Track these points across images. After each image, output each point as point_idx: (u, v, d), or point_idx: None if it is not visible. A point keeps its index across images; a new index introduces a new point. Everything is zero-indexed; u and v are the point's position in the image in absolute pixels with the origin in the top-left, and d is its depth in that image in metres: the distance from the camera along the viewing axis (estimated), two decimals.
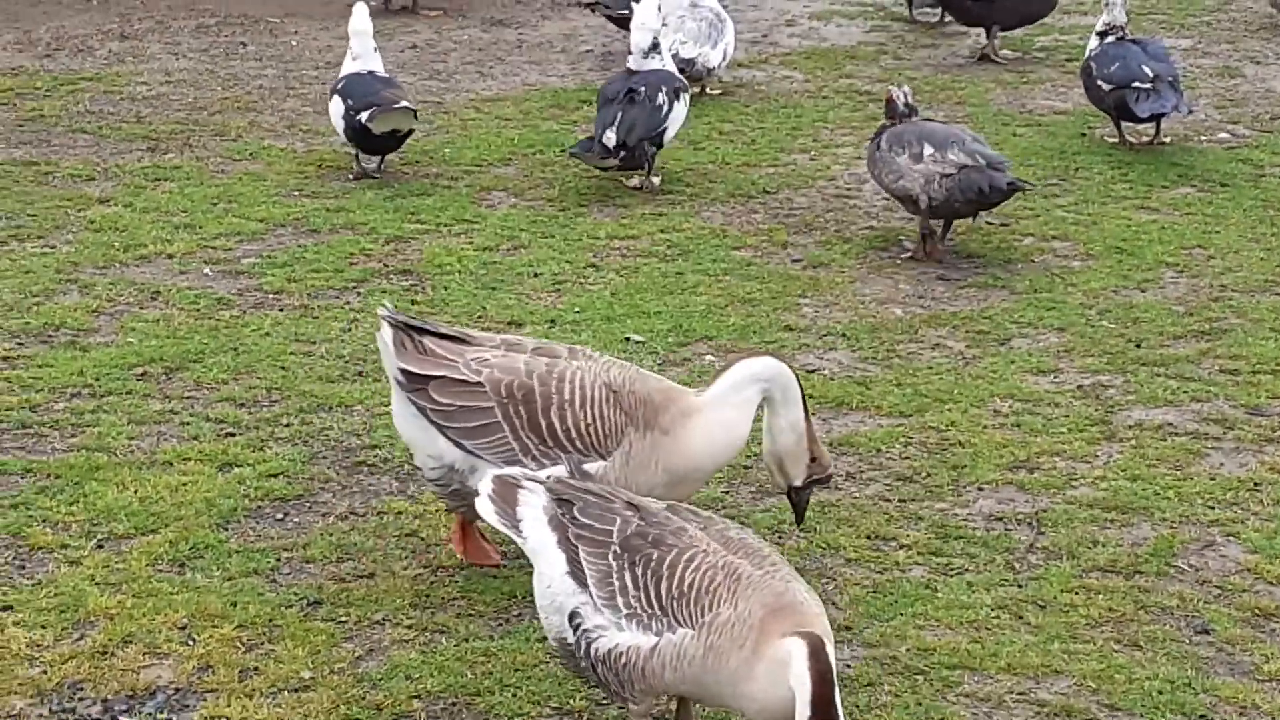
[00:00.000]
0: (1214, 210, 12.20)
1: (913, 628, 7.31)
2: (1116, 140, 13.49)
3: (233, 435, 8.81)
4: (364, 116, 12.21)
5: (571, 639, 6.24)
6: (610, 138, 12.14)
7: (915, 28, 17.16)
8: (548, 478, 6.52)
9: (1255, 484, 8.49)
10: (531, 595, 7.42)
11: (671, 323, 10.27)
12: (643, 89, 12.31)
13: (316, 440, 8.79)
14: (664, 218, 12.03)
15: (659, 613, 6.10)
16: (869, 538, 8.03)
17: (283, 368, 9.57)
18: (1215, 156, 13.32)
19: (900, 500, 8.36)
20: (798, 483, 7.60)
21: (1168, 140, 13.48)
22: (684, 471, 7.35)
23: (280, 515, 8.11)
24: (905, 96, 11.54)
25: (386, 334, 7.31)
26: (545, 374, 7.33)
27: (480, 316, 10.32)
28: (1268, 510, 8.24)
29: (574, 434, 7.26)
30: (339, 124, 12.47)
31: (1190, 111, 13.39)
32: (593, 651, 6.21)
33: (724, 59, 14.50)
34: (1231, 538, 8.04)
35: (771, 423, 7.48)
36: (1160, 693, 6.89)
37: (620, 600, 6.15)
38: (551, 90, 15.10)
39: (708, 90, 14.79)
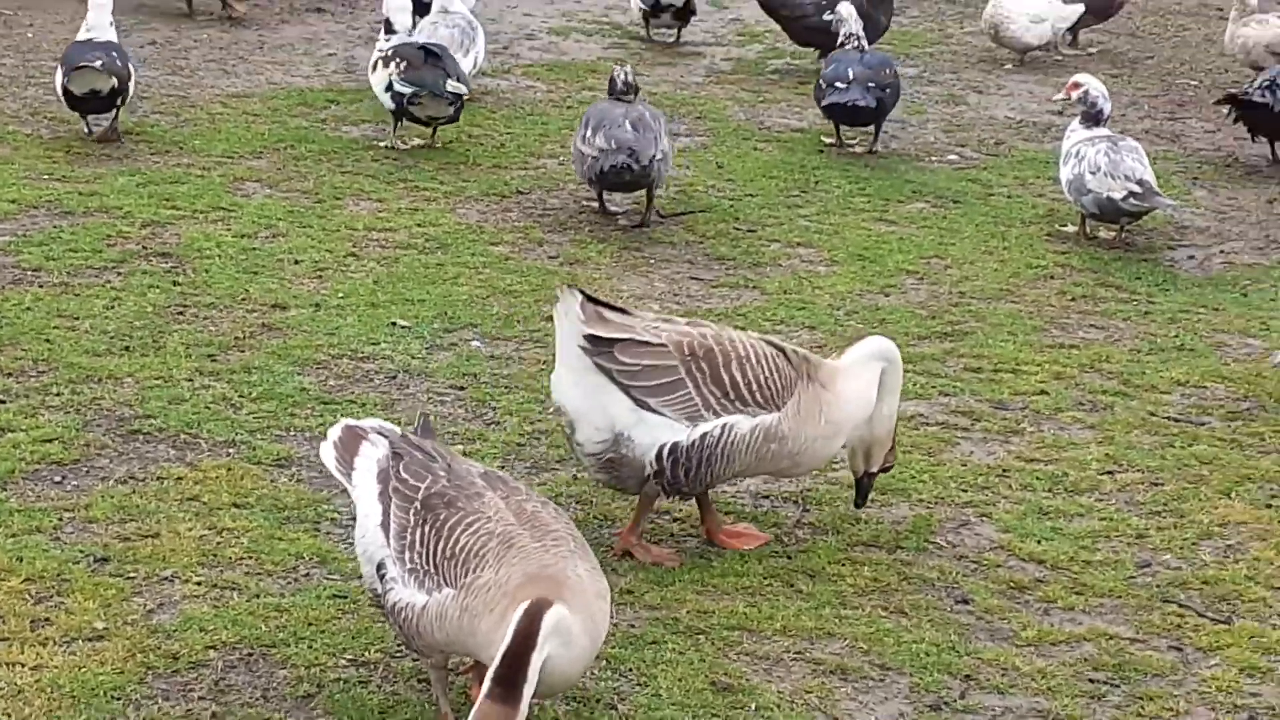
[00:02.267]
0: (948, 224, 12.71)
1: (691, 593, 7.56)
2: (833, 142, 14.26)
3: (3, 402, 8.75)
4: (63, 78, 12.87)
5: (380, 589, 6.35)
6: (457, 86, 13.08)
7: (652, 46, 17.51)
8: (400, 433, 6.63)
9: (1004, 470, 8.92)
10: (318, 555, 7.58)
11: (436, 310, 10.42)
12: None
13: (89, 409, 8.76)
14: (420, 213, 12.16)
15: (432, 571, 6.22)
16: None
17: (48, 341, 9.51)
18: (946, 175, 13.86)
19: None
20: (874, 469, 8.10)
21: (877, 150, 14.08)
22: (839, 423, 7.79)
23: (58, 479, 8.08)
24: (625, 75, 12.30)
25: (573, 301, 7.50)
26: (716, 335, 7.72)
27: (244, 299, 10.36)
28: (1016, 494, 8.66)
29: (754, 386, 7.62)
30: (58, 89, 13.11)
31: (871, 106, 13.86)
32: (386, 603, 6.34)
33: (474, 66, 14.68)
34: (984, 518, 8.43)
35: (875, 409, 7.92)
36: (927, 654, 7.23)
37: (408, 555, 6.28)
38: (298, 90, 15.13)
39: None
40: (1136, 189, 11.95)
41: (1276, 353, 10.05)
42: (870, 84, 13.82)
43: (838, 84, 13.84)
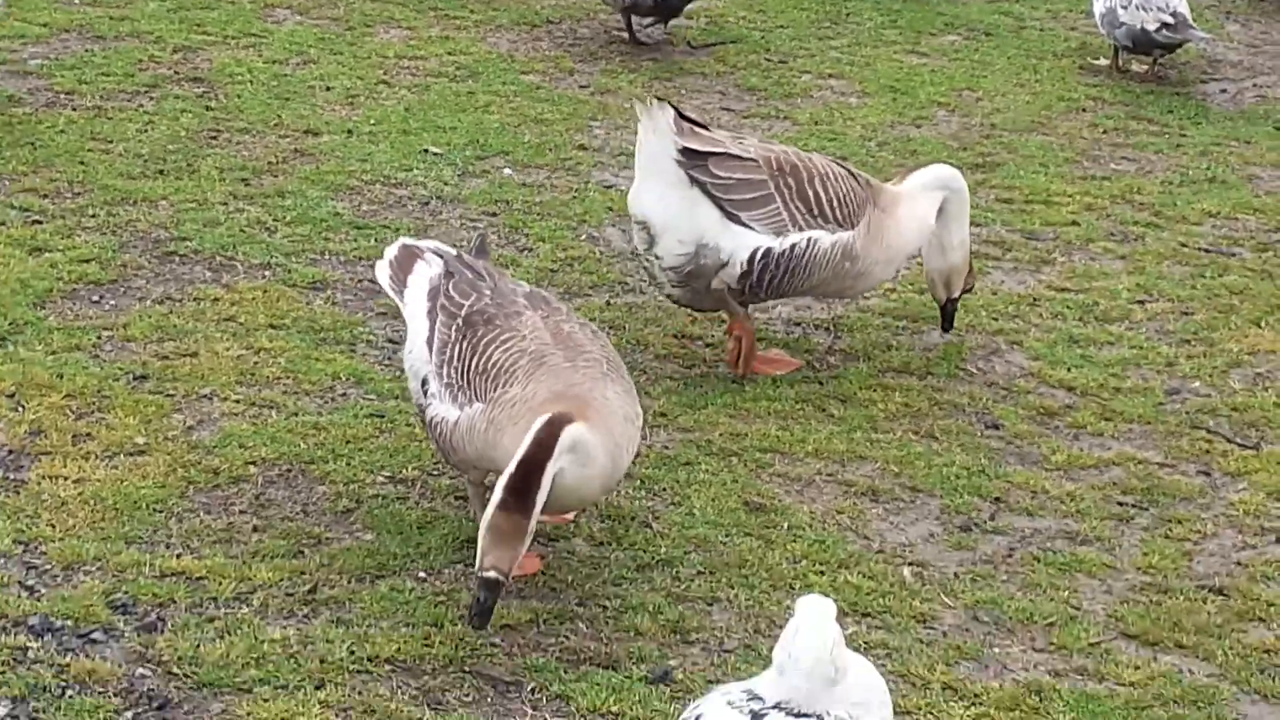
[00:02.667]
0: (980, 57, 12.65)
1: (725, 416, 7.63)
2: None
3: (39, 223, 8.79)
4: None
5: (422, 403, 6.43)
6: None
7: None
8: (455, 253, 6.66)
9: (1034, 299, 8.95)
10: (354, 376, 7.65)
11: (468, 138, 10.42)
12: None
13: (125, 231, 8.80)
14: (451, 41, 12.12)
15: (465, 386, 6.26)
16: (676, 336, 8.32)
17: (82, 163, 9.53)
18: (979, 8, 13.78)
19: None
20: (955, 294, 8.26)
21: None
22: (898, 248, 7.97)
23: (96, 298, 8.14)
24: None
25: (665, 115, 7.59)
26: (797, 153, 7.91)
27: (276, 125, 10.36)
28: (1047, 323, 8.70)
29: (835, 204, 7.81)
30: None
31: None
32: (426, 418, 6.41)
33: None
34: (1015, 346, 8.48)
35: (943, 238, 8.05)
36: (957, 477, 7.30)
37: (446, 371, 6.33)
38: None
39: None
40: (1170, 20, 11.87)
41: None
42: None
43: None
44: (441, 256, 6.64)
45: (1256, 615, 6.48)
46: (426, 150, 10.18)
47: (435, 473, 6.97)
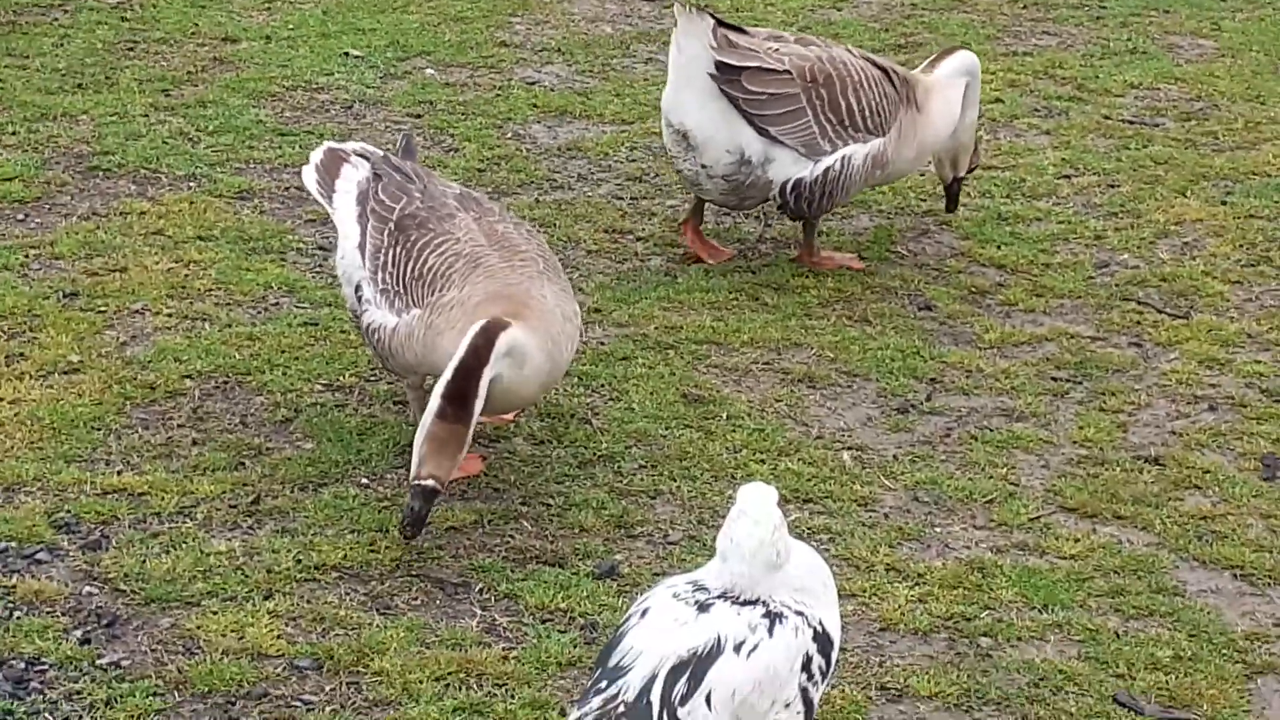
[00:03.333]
0: None
1: (659, 309, 7.64)
2: None
3: None
4: None
5: (357, 310, 6.41)
6: None
7: None
8: (382, 155, 6.62)
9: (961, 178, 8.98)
10: (286, 285, 7.62)
11: (388, 39, 10.34)
12: None
13: (46, 147, 8.71)
14: None
15: (402, 291, 6.25)
16: (607, 231, 8.32)
17: None
18: None
19: (632, 198, 8.65)
20: (961, 173, 8.31)
21: None
22: (929, 144, 8.01)
23: (21, 216, 8.07)
24: None
25: (704, 25, 7.54)
26: (831, 58, 7.81)
27: (194, 34, 10.26)
28: (975, 201, 8.73)
29: (866, 113, 7.78)
30: None
31: None
32: (362, 324, 6.40)
33: None
34: (944, 226, 8.51)
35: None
36: (892, 360, 7.34)
37: (380, 276, 6.31)
38: None
39: None
40: None
41: None
42: None
43: None
44: (368, 159, 6.60)
45: (1192, 483, 6.57)
46: (347, 53, 10.11)
47: (373, 379, 6.97)
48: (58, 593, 5.67)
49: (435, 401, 5.83)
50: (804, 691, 4.53)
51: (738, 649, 4.45)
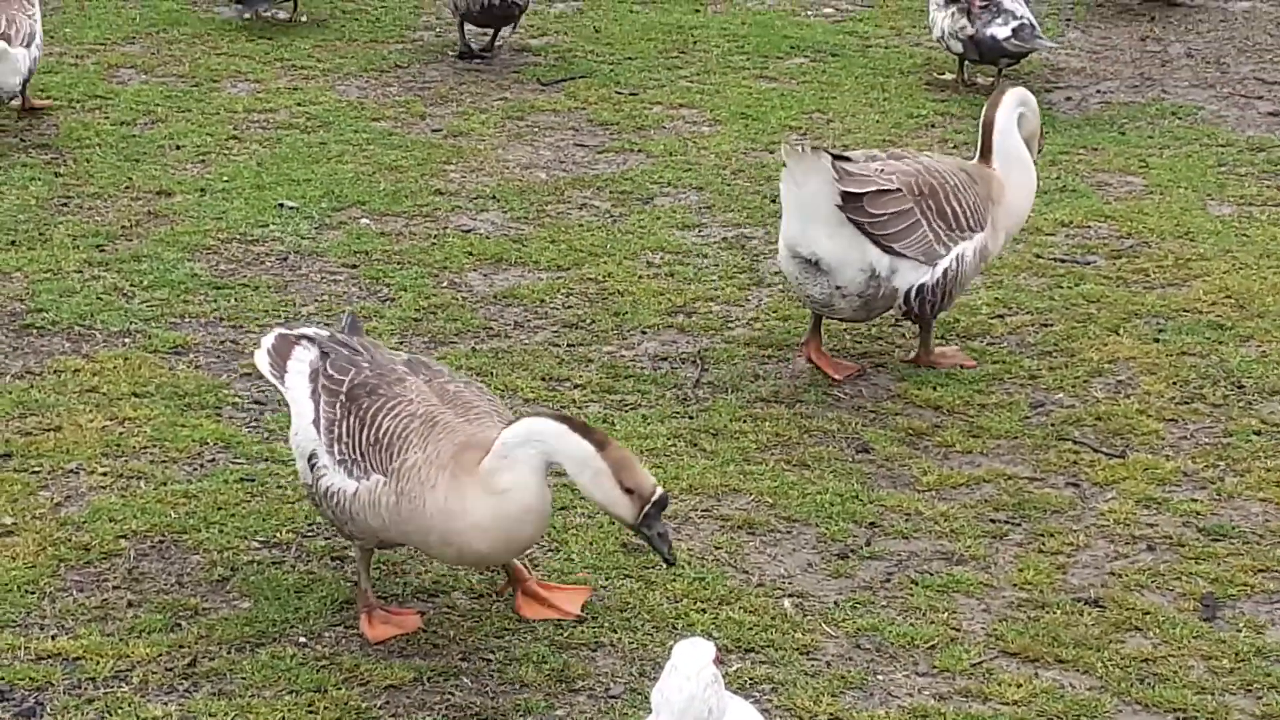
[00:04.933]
0: (828, 78, 12.75)
1: None
2: None
3: None
4: None
5: (311, 479, 6.37)
6: None
7: None
8: (329, 334, 6.61)
9: (895, 320, 8.98)
10: (222, 440, 7.59)
11: (323, 189, 10.37)
12: None
13: None
14: (300, 92, 12.08)
15: (359, 458, 6.22)
16: (544, 379, 8.32)
17: None
18: (823, 30, 13.89)
19: (569, 345, 8.66)
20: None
21: None
22: (1011, 229, 8.65)
23: None
24: None
25: (823, 161, 8.02)
26: (927, 167, 8.36)
27: (128, 188, 10.27)
28: (909, 343, 8.76)
29: (968, 213, 8.34)
30: None
31: None
32: (318, 490, 6.33)
33: None
34: (880, 368, 8.55)
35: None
36: (832, 504, 7.34)
37: (337, 447, 6.27)
38: None
39: None
40: (1019, 25, 12.03)
41: None
42: None
43: None
44: (315, 340, 6.59)
45: (1133, 625, 6.57)
46: (282, 204, 10.13)
47: (310, 534, 6.93)
48: None
49: (584, 443, 5.94)
50: None
51: None
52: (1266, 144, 11.45)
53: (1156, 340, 8.77)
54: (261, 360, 6.67)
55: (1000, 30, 12.07)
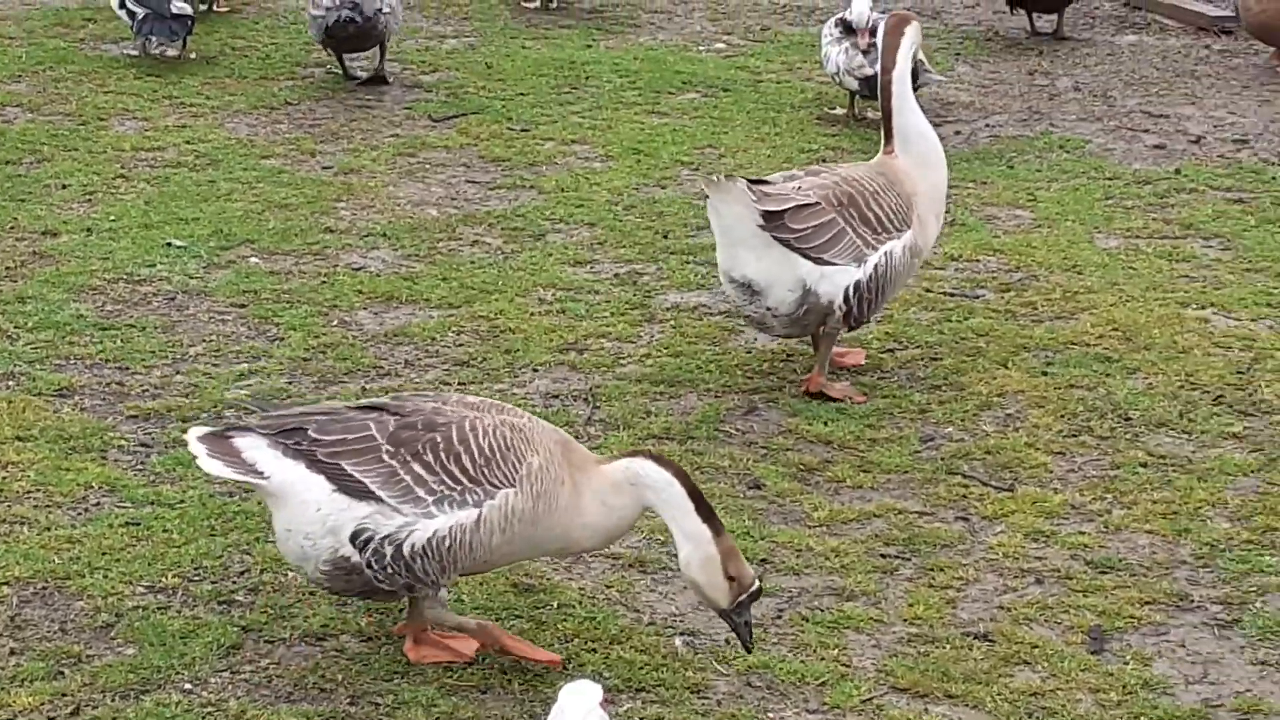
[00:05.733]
0: (720, 113, 12.79)
1: None
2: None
3: None
4: None
5: (357, 556, 6.18)
6: (182, 6, 12.92)
7: None
8: (261, 421, 6.34)
9: (787, 355, 9.05)
10: (107, 484, 7.49)
11: (211, 228, 10.30)
12: None
13: None
14: (188, 129, 12.00)
15: (470, 484, 6.18)
16: None
17: None
18: (715, 65, 13.94)
19: (460, 383, 8.62)
20: None
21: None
22: (938, 211, 8.88)
23: None
24: None
25: (739, 186, 8.26)
26: (844, 177, 8.60)
27: (13, 228, 10.17)
28: (800, 377, 8.79)
29: (890, 214, 8.58)
30: None
31: None
32: (405, 552, 6.16)
33: None
34: (771, 404, 8.56)
35: None
36: (731, 532, 7.33)
37: (420, 490, 6.17)
38: (53, 9, 14.81)
39: (215, 9, 14.72)
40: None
41: None
42: None
43: None
44: (250, 429, 6.28)
45: (1021, 658, 6.59)
46: (169, 244, 10.05)
47: (196, 578, 6.85)
48: None
49: (704, 527, 6.17)
50: None
51: None
52: (1152, 177, 11.57)
53: (1044, 373, 8.83)
54: (213, 466, 6.21)
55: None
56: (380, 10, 12.61)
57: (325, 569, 6.23)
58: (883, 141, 8.93)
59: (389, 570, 6.18)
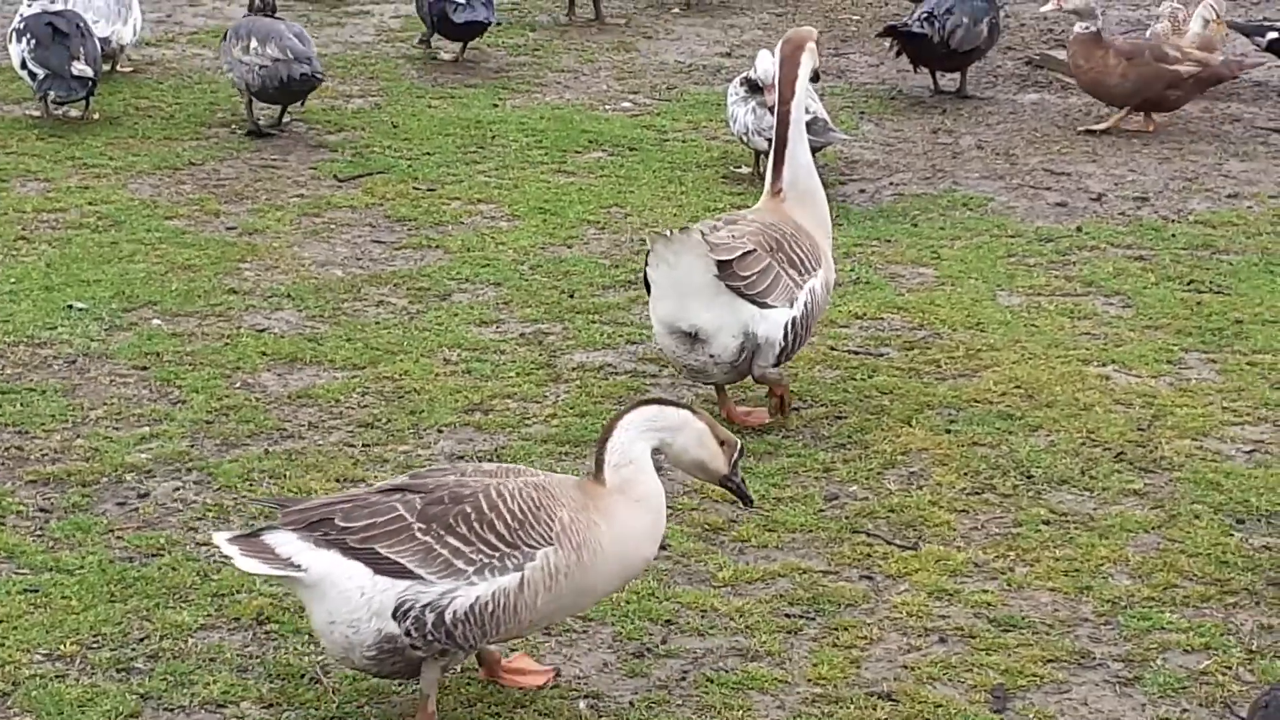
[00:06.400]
0: (626, 172, 12.81)
1: None
2: (422, 45, 15.61)
3: None
4: None
5: (400, 632, 6.21)
6: (84, 69, 12.85)
7: (320, 5, 17.27)
8: (282, 517, 6.36)
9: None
10: (4, 551, 7.41)
11: (113, 290, 10.24)
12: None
13: None
14: (91, 190, 11.92)
15: (509, 549, 6.26)
16: (339, 481, 8.24)
17: None
18: (621, 123, 13.96)
19: (365, 445, 8.59)
20: None
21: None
22: (829, 242, 9.26)
23: None
24: None
25: (693, 237, 8.54)
26: (765, 224, 8.91)
27: None
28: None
29: (807, 256, 8.91)
30: None
31: (499, 23, 15.42)
32: (447, 619, 6.21)
33: (135, 35, 14.40)
34: None
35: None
36: (628, 603, 7.32)
37: (460, 562, 6.23)
38: None
39: (119, 69, 14.65)
40: (812, 120, 12.19)
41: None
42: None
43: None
44: (275, 527, 6.32)
45: (925, 718, 6.60)
46: (71, 306, 9.98)
47: (94, 646, 6.78)
48: None
49: (683, 412, 6.59)
50: None
51: None
52: (1054, 234, 11.66)
53: (948, 431, 8.88)
54: (251, 565, 6.24)
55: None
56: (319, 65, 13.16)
57: (371, 654, 6.26)
58: (769, 179, 9.17)
59: (428, 638, 6.22)
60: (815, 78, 9.46)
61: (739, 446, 6.76)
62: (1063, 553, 7.77)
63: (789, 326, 8.81)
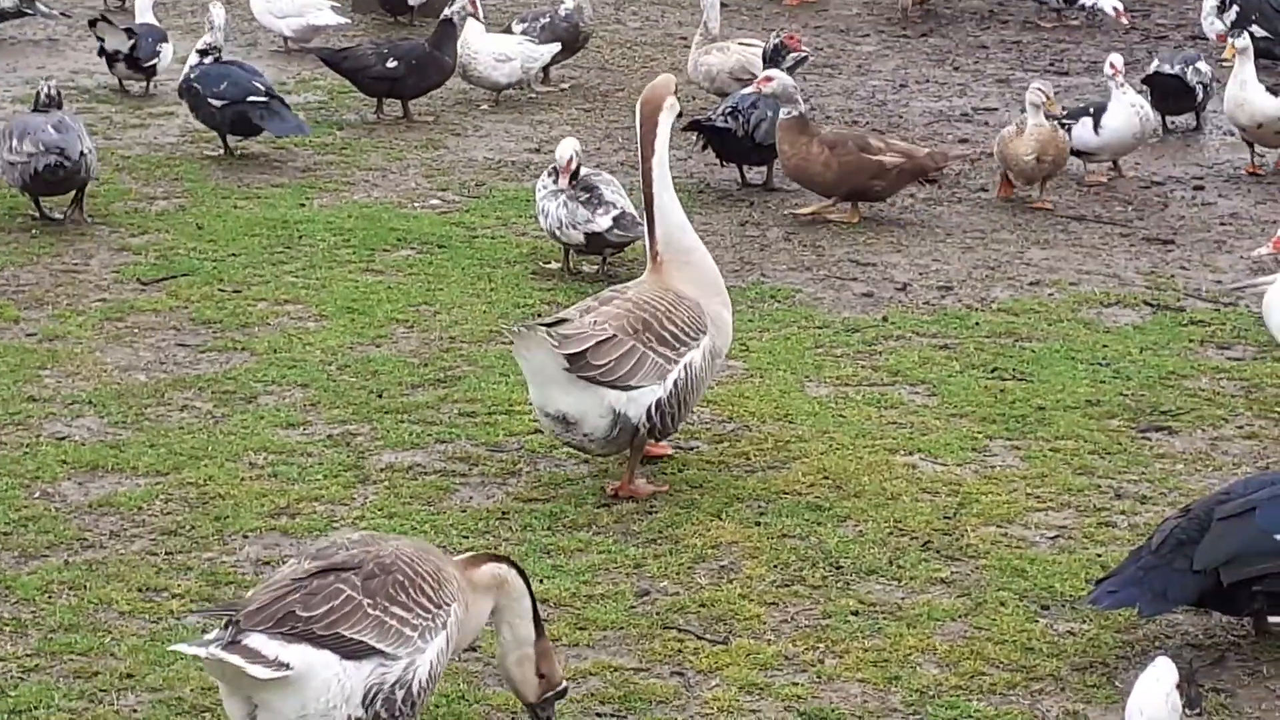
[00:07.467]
0: (435, 270, 12.76)
1: (195, 670, 7.41)
2: (222, 151, 15.40)
3: None
4: None
5: (369, 718, 6.43)
6: None
7: (124, 107, 17.07)
8: (248, 620, 6.39)
9: (504, 513, 9.01)
10: None
11: None
12: None
13: None
14: None
15: (436, 609, 6.67)
16: (140, 590, 8.09)
17: None
18: (430, 221, 13.92)
19: (167, 553, 8.46)
20: None
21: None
22: (721, 300, 9.52)
23: None
24: (49, 89, 13.38)
25: (537, 334, 8.72)
26: (633, 302, 9.08)
27: None
28: (517, 535, 8.77)
29: (685, 327, 9.08)
30: None
31: (307, 133, 15.23)
32: (414, 691, 6.58)
33: None
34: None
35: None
36: (438, 706, 7.28)
37: (408, 630, 6.57)
38: None
39: None
40: (619, 215, 12.27)
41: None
42: (279, 98, 15.13)
43: (252, 99, 14.80)
44: (247, 631, 6.34)
45: None
46: None
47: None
48: None
49: (530, 627, 6.85)
50: None
51: None
52: (861, 324, 11.78)
53: (758, 523, 8.90)
54: (255, 670, 6.26)
55: (602, 221, 12.29)
56: (83, 152, 12.99)
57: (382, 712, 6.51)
58: (647, 246, 9.36)
59: (397, 715, 6.48)
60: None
61: (559, 688, 6.94)
62: (871, 643, 7.81)
63: (655, 406, 8.97)
